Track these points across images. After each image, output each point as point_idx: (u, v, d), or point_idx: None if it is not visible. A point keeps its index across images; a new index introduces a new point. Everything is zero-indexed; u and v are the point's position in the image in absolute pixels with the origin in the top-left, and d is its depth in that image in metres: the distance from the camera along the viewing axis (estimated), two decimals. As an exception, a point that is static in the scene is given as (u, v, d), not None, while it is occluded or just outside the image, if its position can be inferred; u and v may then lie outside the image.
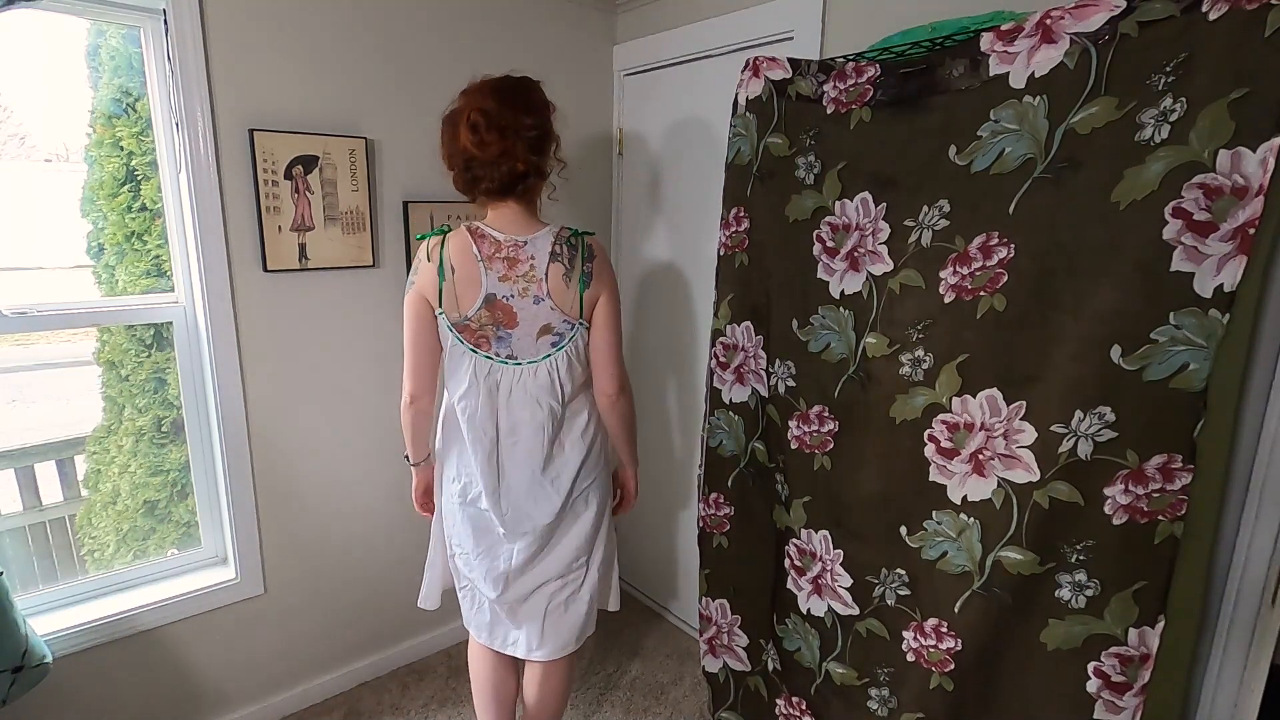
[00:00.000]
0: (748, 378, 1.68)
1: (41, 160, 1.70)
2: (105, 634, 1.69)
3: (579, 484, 1.52)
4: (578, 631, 1.60)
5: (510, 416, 1.45)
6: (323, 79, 1.79)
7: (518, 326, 1.40)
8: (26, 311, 1.56)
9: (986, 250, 1.24)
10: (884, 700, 1.51)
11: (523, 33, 2.13)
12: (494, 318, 1.39)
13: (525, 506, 1.48)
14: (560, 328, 1.42)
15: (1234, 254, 1.01)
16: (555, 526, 1.53)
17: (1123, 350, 1.10)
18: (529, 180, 1.41)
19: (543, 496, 1.49)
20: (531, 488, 1.48)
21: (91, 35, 1.64)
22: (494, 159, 1.37)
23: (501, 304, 1.39)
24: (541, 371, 1.43)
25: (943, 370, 1.31)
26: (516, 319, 1.40)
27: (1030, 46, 1.16)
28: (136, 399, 1.81)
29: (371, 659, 2.18)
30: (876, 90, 1.37)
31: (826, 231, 1.48)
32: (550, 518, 1.49)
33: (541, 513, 1.49)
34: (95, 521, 1.85)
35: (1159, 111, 1.04)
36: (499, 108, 1.37)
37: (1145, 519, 1.13)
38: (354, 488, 2.04)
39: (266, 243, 1.74)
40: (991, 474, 1.27)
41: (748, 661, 1.83)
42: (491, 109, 1.36)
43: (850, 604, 1.53)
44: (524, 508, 1.48)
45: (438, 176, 2.03)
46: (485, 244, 1.39)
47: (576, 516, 1.55)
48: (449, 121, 1.43)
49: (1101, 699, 1.20)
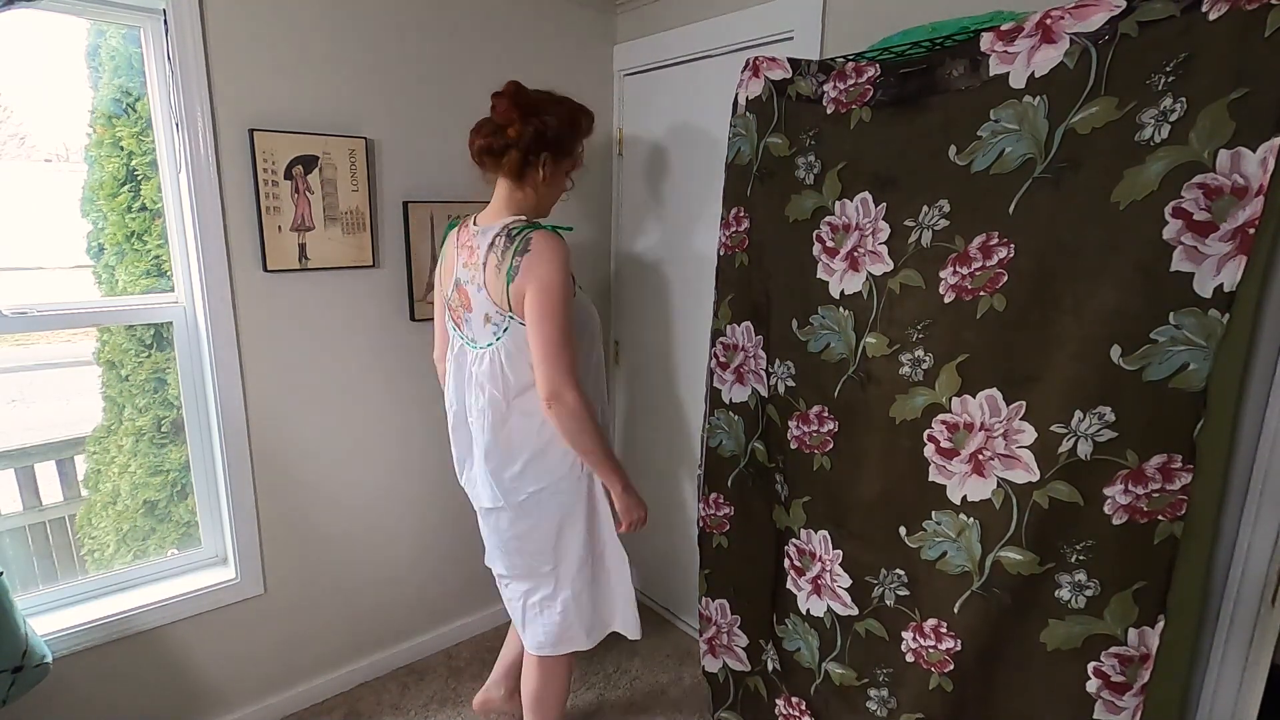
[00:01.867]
0: (748, 378, 1.68)
1: (41, 160, 1.70)
2: (105, 634, 1.69)
3: (521, 485, 1.52)
4: (552, 638, 1.62)
5: (470, 395, 1.55)
6: (323, 79, 1.79)
7: (471, 311, 1.50)
8: (26, 311, 1.56)
9: (986, 250, 1.24)
10: (883, 701, 1.51)
11: (523, 32, 2.13)
12: (460, 300, 1.52)
13: (475, 484, 1.61)
14: (495, 318, 1.45)
15: (1234, 254, 1.01)
16: (500, 517, 1.57)
17: (1123, 350, 1.10)
18: (507, 156, 1.45)
19: (483, 481, 1.56)
20: (480, 468, 1.56)
21: (91, 35, 1.64)
22: (494, 123, 1.47)
23: (462, 288, 1.51)
24: (487, 358, 1.49)
25: (942, 370, 1.31)
26: (470, 304, 1.49)
27: (1030, 46, 1.16)
28: (136, 399, 1.81)
29: (371, 659, 2.18)
30: (876, 90, 1.37)
31: (826, 231, 1.48)
32: (489, 503, 1.56)
33: (483, 495, 1.58)
34: (95, 521, 1.85)
35: (1159, 111, 1.04)
36: (533, 97, 1.48)
37: (1145, 519, 1.13)
38: (354, 487, 2.04)
39: (266, 243, 1.74)
40: (991, 474, 1.27)
41: (747, 662, 1.83)
42: (527, 92, 1.48)
43: (849, 604, 1.53)
44: (474, 485, 1.61)
45: (438, 176, 2.04)
46: (465, 233, 1.53)
47: (528, 518, 1.55)
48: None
49: (1101, 699, 1.20)
